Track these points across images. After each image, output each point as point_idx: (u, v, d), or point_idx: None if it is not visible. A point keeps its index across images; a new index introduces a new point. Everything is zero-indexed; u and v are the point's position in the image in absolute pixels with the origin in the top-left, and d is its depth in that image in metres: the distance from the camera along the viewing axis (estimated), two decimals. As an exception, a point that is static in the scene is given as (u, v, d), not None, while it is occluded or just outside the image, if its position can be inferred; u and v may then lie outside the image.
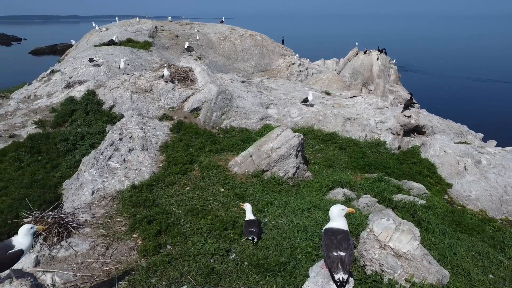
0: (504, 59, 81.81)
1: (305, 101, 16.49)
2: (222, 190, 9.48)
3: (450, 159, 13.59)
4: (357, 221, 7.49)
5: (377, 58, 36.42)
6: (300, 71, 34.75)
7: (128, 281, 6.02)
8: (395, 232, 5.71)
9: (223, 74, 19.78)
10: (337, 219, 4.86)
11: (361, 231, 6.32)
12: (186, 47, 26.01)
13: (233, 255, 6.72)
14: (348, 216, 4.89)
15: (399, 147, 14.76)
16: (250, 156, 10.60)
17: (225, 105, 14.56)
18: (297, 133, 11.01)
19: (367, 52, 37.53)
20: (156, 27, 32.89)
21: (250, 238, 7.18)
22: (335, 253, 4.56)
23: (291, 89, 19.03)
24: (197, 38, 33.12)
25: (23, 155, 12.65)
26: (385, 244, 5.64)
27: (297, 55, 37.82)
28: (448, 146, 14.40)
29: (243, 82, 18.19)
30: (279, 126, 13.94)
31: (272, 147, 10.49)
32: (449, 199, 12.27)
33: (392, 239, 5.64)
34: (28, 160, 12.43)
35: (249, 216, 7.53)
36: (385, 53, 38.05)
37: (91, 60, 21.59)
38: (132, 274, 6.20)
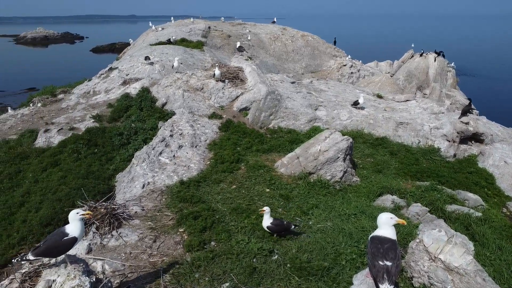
0: None
1: (355, 103, 16.13)
2: (268, 190, 9.49)
3: (511, 170, 12.72)
4: (406, 230, 7.20)
5: (434, 61, 34.85)
6: (352, 72, 34.05)
7: (172, 274, 6.18)
8: (447, 244, 5.42)
9: (273, 74, 19.81)
10: (385, 227, 4.68)
11: (410, 241, 6.07)
12: (237, 47, 26.32)
13: (276, 256, 6.70)
14: (396, 224, 4.69)
15: (455, 155, 14.02)
16: (297, 157, 10.53)
17: (274, 105, 14.57)
18: (346, 136, 10.78)
19: (424, 54, 36.02)
20: (209, 27, 33.58)
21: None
22: (381, 263, 4.40)
23: (342, 91, 18.69)
24: (249, 38, 33.42)
25: (81, 147, 13.38)
26: (435, 257, 5.37)
27: (349, 56, 37.07)
28: (509, 156, 13.49)
29: (292, 83, 18.11)
30: (327, 128, 13.73)
31: (319, 150, 10.35)
32: (508, 213, 11.48)
33: (443, 252, 5.36)
34: (85, 152, 13.14)
35: (267, 221, 7.32)
36: (443, 56, 36.31)
37: (146, 58, 22.46)
38: (177, 267, 6.36)
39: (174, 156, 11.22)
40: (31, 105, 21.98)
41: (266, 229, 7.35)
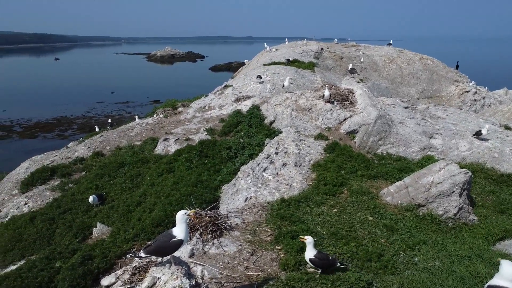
0: None
1: (477, 134, 14.59)
2: (371, 218, 9.03)
3: None
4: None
5: None
6: (475, 100, 31.04)
7: (266, 291, 6.20)
8: None
9: (385, 98, 19.05)
10: (509, 277, 4.09)
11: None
12: (349, 69, 25.99)
13: (375, 290, 6.31)
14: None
15: None
16: (405, 187, 9.87)
17: (384, 130, 13.93)
18: (464, 169, 9.79)
19: None
20: (321, 49, 33.79)
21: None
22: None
23: (462, 119, 17.11)
24: (362, 60, 32.78)
25: (194, 157, 14.37)
26: None
27: (473, 82, 33.94)
28: None
29: (406, 107, 17.17)
30: (442, 159, 12.64)
31: (432, 181, 9.56)
32: None
33: None
34: (197, 162, 14.07)
35: (310, 252, 6.57)
36: None
37: (258, 77, 23.43)
38: (270, 284, 6.36)
39: (277, 173, 11.38)
40: (154, 115, 24.42)
41: (308, 261, 6.59)
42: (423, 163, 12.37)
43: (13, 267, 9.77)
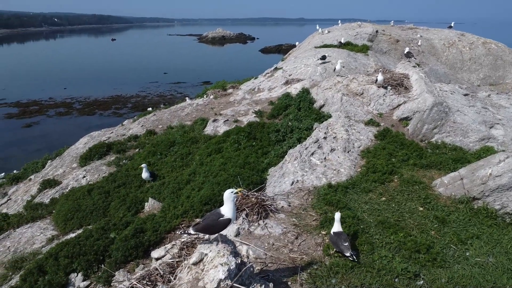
0: None
1: (545, 125, 13.56)
2: (421, 209, 8.74)
3: None
4: None
5: None
6: (544, 89, 28.72)
7: (310, 274, 6.23)
8: None
9: (442, 84, 18.10)
10: None
11: None
12: (405, 52, 24.86)
13: (421, 282, 6.16)
14: None
15: None
16: (460, 178, 9.42)
17: (440, 118, 13.29)
18: (527, 163, 9.16)
19: None
20: (376, 31, 32.55)
21: (348, 255, 6.41)
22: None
23: (528, 109, 15.93)
24: (419, 43, 31.24)
25: (242, 138, 14.53)
26: None
27: (543, 69, 31.35)
28: None
29: (465, 95, 16.24)
30: (503, 150, 11.90)
31: (490, 174, 9.04)
32: None
33: None
34: (245, 144, 14.22)
35: (338, 227, 6.83)
36: None
37: (323, 57, 23.11)
38: (314, 268, 6.39)
39: (325, 158, 11.27)
40: (205, 96, 24.87)
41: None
42: (481, 154, 11.71)
43: (72, 235, 10.50)
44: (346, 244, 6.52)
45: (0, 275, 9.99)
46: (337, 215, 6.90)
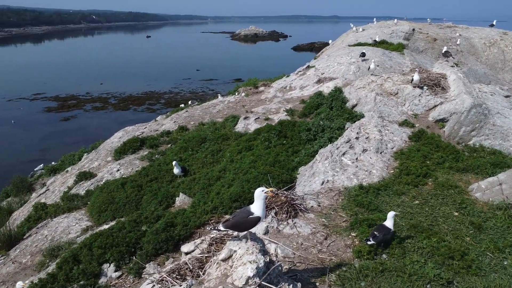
0: None
1: None
2: (456, 214, 8.45)
3: None
4: None
5: None
6: None
7: (338, 276, 6.15)
8: None
9: (482, 85, 17.43)
10: None
11: None
12: (443, 52, 24.12)
13: (455, 289, 5.95)
14: None
15: None
16: (499, 183, 9.04)
17: (478, 120, 12.80)
18: None
19: None
20: (413, 29, 31.70)
21: (370, 243, 6.61)
22: None
23: None
24: (458, 42, 30.19)
25: (272, 137, 14.51)
26: None
27: None
28: None
29: (506, 96, 15.57)
30: (547, 155, 11.34)
31: (532, 179, 8.64)
32: None
33: None
34: (275, 142, 14.19)
35: (387, 222, 6.91)
36: None
37: (362, 54, 22.80)
38: (343, 270, 6.30)
39: (356, 159, 11.09)
40: (236, 94, 25.02)
41: None
42: (523, 159, 11.21)
43: (105, 226, 10.82)
44: (378, 234, 6.66)
45: (39, 262, 10.46)
46: (391, 213, 7.04)
